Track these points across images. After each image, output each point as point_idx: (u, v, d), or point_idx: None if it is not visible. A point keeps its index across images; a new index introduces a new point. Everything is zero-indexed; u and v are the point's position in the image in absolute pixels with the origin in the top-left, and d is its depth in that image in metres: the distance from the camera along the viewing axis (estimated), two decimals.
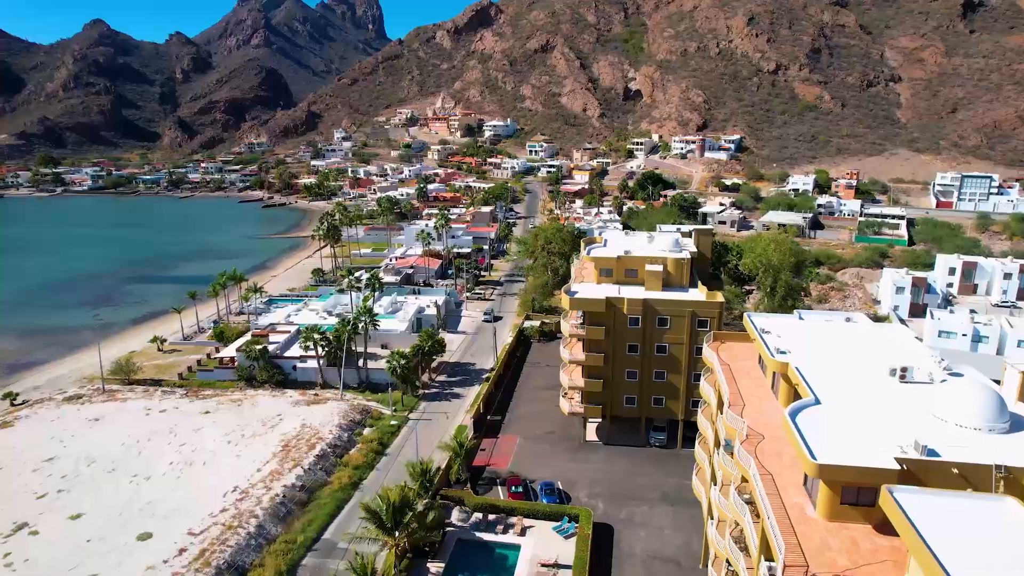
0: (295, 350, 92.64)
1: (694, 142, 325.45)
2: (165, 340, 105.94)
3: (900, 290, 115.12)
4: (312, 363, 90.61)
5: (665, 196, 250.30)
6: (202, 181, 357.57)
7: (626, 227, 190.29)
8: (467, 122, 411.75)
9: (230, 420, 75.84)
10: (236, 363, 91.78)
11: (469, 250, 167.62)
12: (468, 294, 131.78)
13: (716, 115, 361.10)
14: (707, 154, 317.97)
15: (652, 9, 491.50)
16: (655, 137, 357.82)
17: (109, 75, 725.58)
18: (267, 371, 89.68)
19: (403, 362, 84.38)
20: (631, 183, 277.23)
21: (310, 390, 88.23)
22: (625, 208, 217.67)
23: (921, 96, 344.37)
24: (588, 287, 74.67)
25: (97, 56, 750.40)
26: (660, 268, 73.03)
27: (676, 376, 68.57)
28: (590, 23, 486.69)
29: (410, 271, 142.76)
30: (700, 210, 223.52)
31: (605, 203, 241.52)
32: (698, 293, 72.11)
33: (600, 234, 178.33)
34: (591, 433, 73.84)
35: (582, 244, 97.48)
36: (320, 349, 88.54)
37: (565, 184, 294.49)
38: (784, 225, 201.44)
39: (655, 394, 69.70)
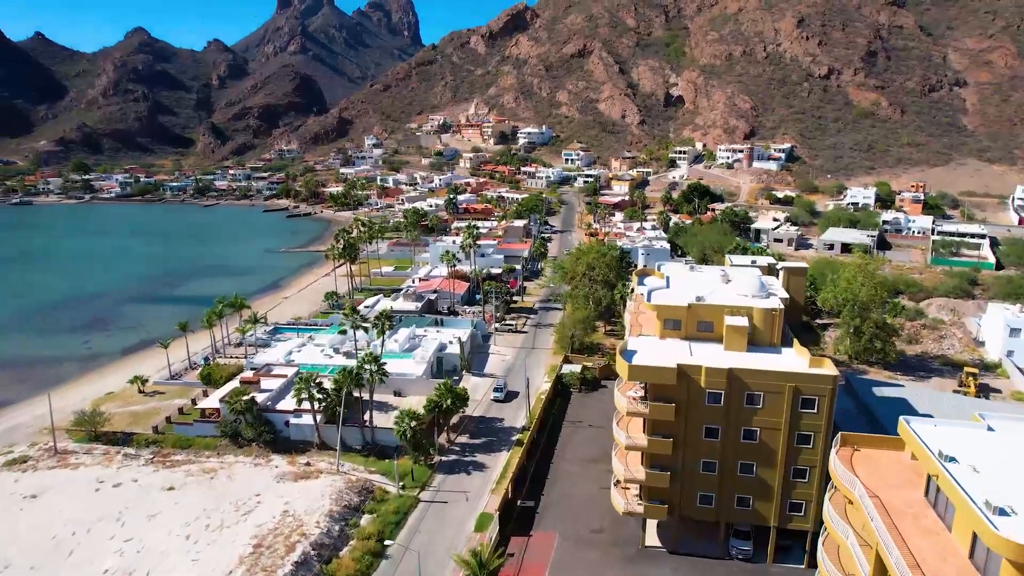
0: (289, 401, 77.55)
1: (741, 151, 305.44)
2: (147, 380, 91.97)
3: (1015, 332, 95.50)
4: (308, 418, 75.39)
5: (713, 210, 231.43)
6: (228, 189, 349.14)
7: (673, 245, 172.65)
8: (501, 129, 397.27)
9: (197, 501, 60.95)
10: (220, 416, 77.10)
11: (499, 271, 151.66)
12: (498, 325, 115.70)
13: (764, 122, 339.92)
14: (755, 164, 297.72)
15: (694, 12, 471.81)
16: (699, 145, 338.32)
17: (147, 82, 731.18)
18: (255, 428, 74.80)
19: (415, 424, 68.62)
20: (675, 195, 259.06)
21: (303, 454, 73.04)
22: (671, 223, 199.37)
23: (990, 101, 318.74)
24: (648, 343, 57.94)
25: (136, 63, 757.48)
26: (745, 322, 55.96)
27: (769, 471, 51.36)
28: (629, 27, 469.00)
29: (433, 296, 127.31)
30: (752, 226, 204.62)
31: (648, 216, 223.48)
32: (796, 357, 54.80)
33: (646, 256, 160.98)
34: (652, 535, 57.01)
35: (633, 277, 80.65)
36: (317, 403, 73.32)
37: (603, 195, 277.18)
38: (849, 246, 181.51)
39: (740, 492, 52.56)
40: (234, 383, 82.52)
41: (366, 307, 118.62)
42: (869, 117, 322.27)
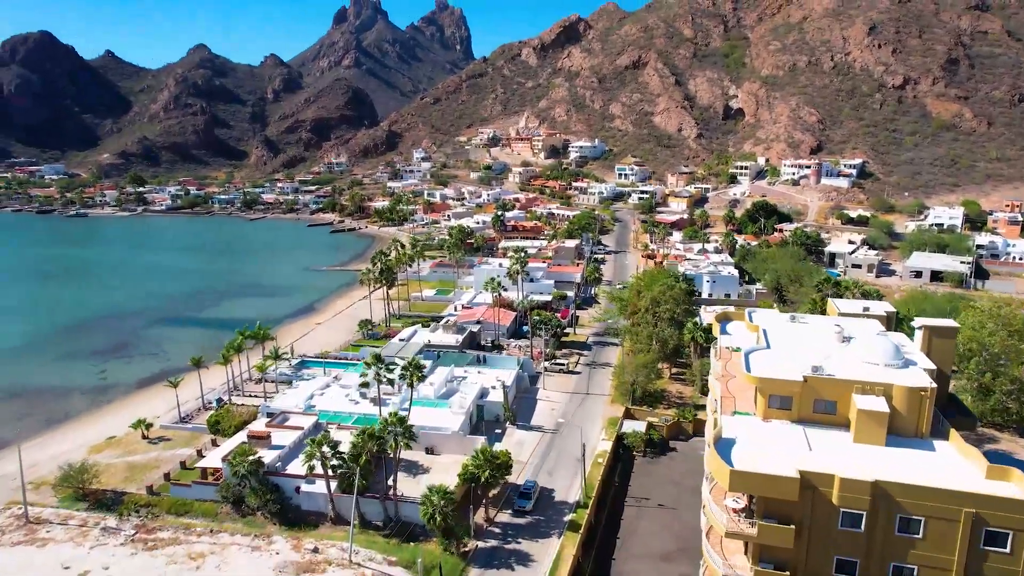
0: (300, 463, 65.82)
1: (808, 167, 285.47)
2: (152, 424, 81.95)
3: None
4: (322, 484, 63.49)
5: (781, 230, 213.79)
6: (275, 202, 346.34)
7: (741, 271, 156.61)
8: (551, 142, 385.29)
9: None
10: (222, 477, 66.02)
11: (549, 298, 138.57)
12: (547, 364, 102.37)
13: (832, 136, 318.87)
14: (824, 180, 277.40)
15: (755, 21, 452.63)
16: (761, 160, 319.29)
17: (206, 96, 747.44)
18: (260, 495, 63.30)
19: (445, 504, 55.98)
20: (738, 213, 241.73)
21: (314, 530, 61.19)
22: (737, 246, 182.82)
23: None
24: (748, 428, 43.99)
25: (196, 78, 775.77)
26: (883, 405, 41.50)
27: None
28: (686, 37, 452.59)
29: (475, 327, 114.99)
30: (826, 249, 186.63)
31: (710, 236, 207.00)
32: (958, 457, 40.07)
33: (712, 284, 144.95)
34: None
35: (714, 323, 66.49)
36: (331, 469, 61.44)
37: (660, 212, 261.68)
38: (941, 274, 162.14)
39: None
40: (241, 436, 71.41)
41: (401, 340, 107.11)
42: (951, 130, 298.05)
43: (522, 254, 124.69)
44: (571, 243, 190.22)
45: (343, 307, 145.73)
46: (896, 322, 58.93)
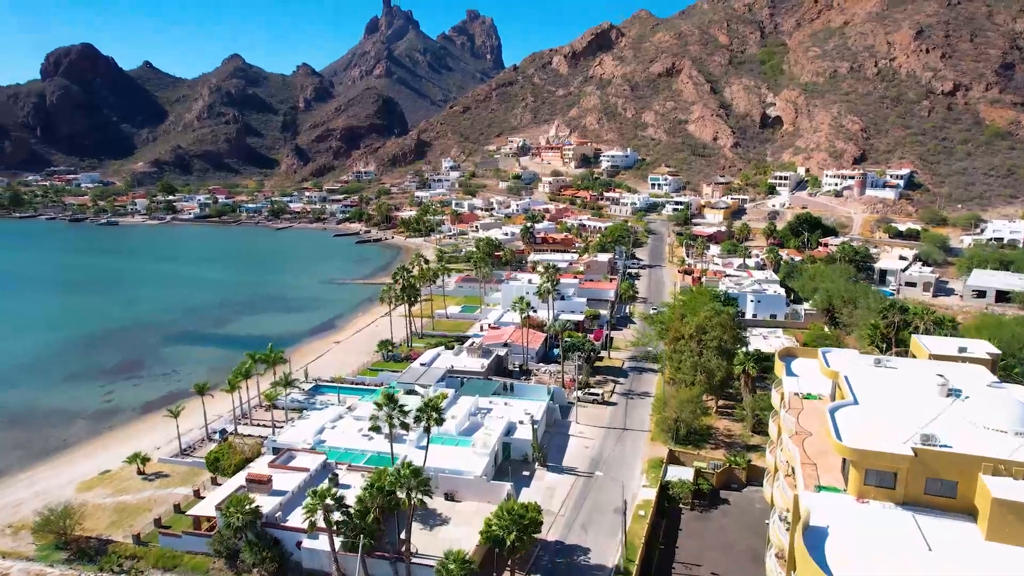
0: (302, 516, 58.15)
1: (851, 177, 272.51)
2: (148, 459, 75.30)
3: None
4: (325, 539, 55.74)
5: (826, 244, 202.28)
6: (302, 211, 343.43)
7: (787, 289, 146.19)
8: (582, 151, 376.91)
9: None
10: (216, 527, 58.72)
11: (582, 317, 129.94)
12: (580, 393, 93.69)
13: (877, 145, 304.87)
14: (868, 191, 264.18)
15: (793, 27, 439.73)
16: (801, 170, 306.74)
17: (238, 105, 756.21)
18: (257, 550, 55.83)
19: (463, 574, 47.78)
20: (778, 225, 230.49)
21: None
22: (782, 261, 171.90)
23: None
24: (839, 512, 35.05)
25: (230, 88, 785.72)
26: (1021, 491, 32.25)
27: None
28: (721, 44, 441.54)
29: (502, 351, 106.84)
30: (876, 266, 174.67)
31: (751, 250, 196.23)
32: None
33: (757, 304, 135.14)
34: None
35: (776, 363, 57.42)
36: (335, 525, 53.69)
37: (696, 225, 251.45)
38: (1008, 294, 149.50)
39: None
40: (241, 478, 64.09)
41: (422, 364, 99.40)
42: (1007, 138, 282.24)
43: (552, 271, 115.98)
44: (604, 257, 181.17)
45: (364, 324, 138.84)
46: (1007, 370, 49.32)
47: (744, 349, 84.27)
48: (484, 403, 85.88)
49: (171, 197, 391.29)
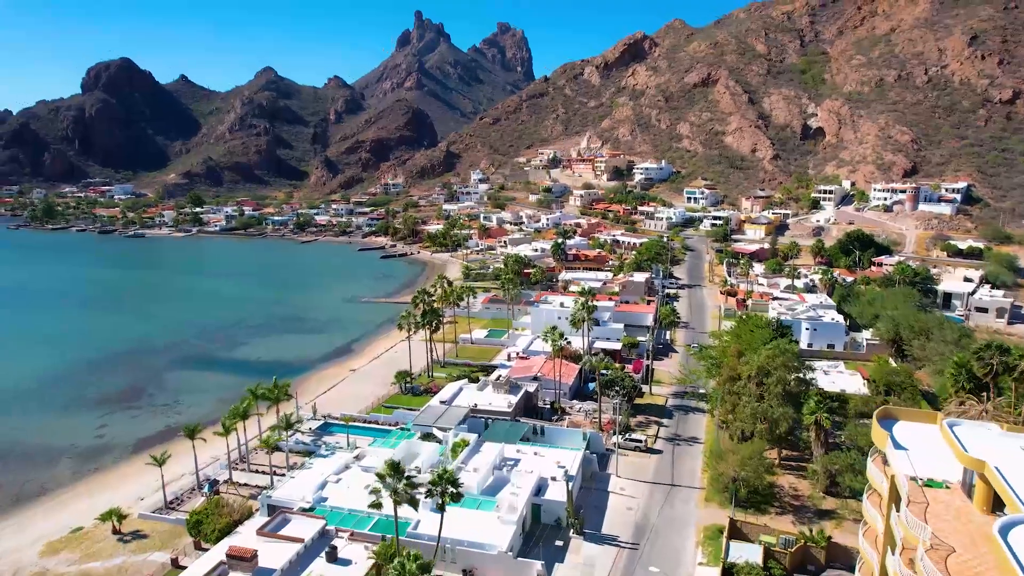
0: None
1: (903, 191, 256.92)
2: (126, 516, 66.05)
3: None
4: None
5: (880, 264, 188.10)
6: (328, 224, 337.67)
7: (845, 315, 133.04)
8: (615, 164, 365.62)
9: None
10: None
11: (618, 345, 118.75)
12: (619, 439, 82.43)
13: (929, 157, 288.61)
14: (922, 206, 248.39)
15: (835, 35, 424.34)
16: (846, 184, 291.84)
17: (270, 117, 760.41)
18: None
19: None
20: (827, 242, 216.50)
21: None
22: (833, 282, 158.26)
23: None
24: None
25: (261, 100, 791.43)
26: None
27: None
28: (759, 53, 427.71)
29: (532, 385, 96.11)
30: (938, 288, 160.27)
31: (799, 269, 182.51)
32: None
33: (812, 332, 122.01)
34: None
35: (874, 427, 45.86)
36: None
37: (736, 241, 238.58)
38: None
39: None
40: (222, 549, 54.18)
41: (442, 402, 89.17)
42: None
43: (588, 297, 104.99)
44: (640, 277, 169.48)
45: (383, 349, 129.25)
46: None
47: (815, 396, 72.17)
48: (511, 451, 75.31)
49: (198, 209, 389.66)
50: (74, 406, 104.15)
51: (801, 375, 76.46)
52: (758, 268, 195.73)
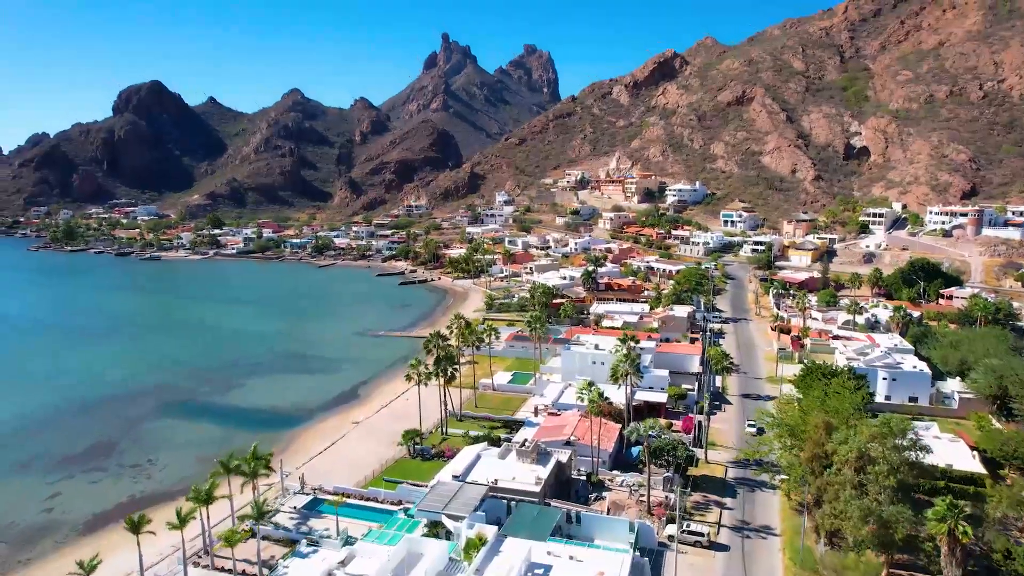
0: None
1: (963, 214, 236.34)
2: None
3: None
4: None
5: (949, 297, 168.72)
6: (347, 247, 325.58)
7: (928, 361, 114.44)
8: (646, 185, 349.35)
9: None
10: None
11: (663, 396, 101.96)
12: (676, 532, 65.19)
13: (990, 177, 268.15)
14: (986, 231, 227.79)
15: (877, 50, 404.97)
16: (896, 206, 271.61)
17: (295, 138, 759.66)
18: None
19: None
20: (880, 270, 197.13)
21: None
22: (906, 320, 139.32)
23: None
24: None
25: (287, 121, 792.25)
26: None
27: None
28: (796, 70, 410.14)
29: (564, 453, 79.71)
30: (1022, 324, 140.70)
31: (859, 302, 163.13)
32: None
33: (891, 383, 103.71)
34: None
35: None
36: None
37: (781, 269, 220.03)
38: None
39: None
40: None
41: (455, 477, 73.10)
42: None
43: (630, 344, 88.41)
44: (682, 311, 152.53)
45: (392, 395, 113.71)
46: None
47: (946, 501, 54.37)
48: (540, 552, 58.84)
49: (217, 231, 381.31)
50: (29, 467, 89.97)
51: (917, 456, 59.09)
52: (811, 299, 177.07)
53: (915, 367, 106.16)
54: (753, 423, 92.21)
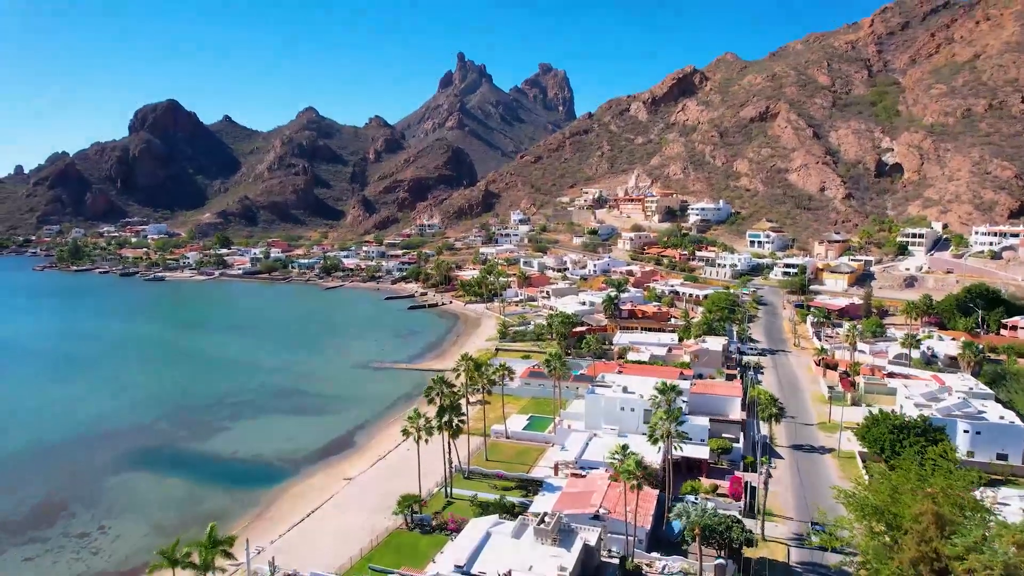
0: None
1: (1015, 235, 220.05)
2: None
3: None
4: None
5: (1013, 327, 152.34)
6: (356, 268, 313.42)
7: (1013, 408, 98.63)
8: (667, 203, 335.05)
9: None
10: None
11: (705, 450, 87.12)
12: None
13: None
14: None
15: (907, 64, 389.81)
16: (936, 226, 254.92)
17: (309, 156, 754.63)
18: None
19: None
20: (922, 294, 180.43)
21: None
22: (980, 358, 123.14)
23: None
24: None
25: (301, 139, 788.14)
26: None
27: None
28: (822, 85, 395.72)
29: (592, 531, 65.04)
30: None
31: (914, 333, 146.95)
32: None
33: (975, 436, 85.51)
34: None
35: None
36: None
37: (817, 294, 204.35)
38: None
39: None
40: None
41: (457, 568, 58.57)
42: None
43: (672, 395, 73.88)
44: (715, 342, 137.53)
45: (391, 443, 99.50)
46: None
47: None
48: None
49: (225, 251, 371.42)
50: None
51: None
52: (847, 327, 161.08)
53: (1002, 417, 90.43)
54: (819, 526, 69.01)
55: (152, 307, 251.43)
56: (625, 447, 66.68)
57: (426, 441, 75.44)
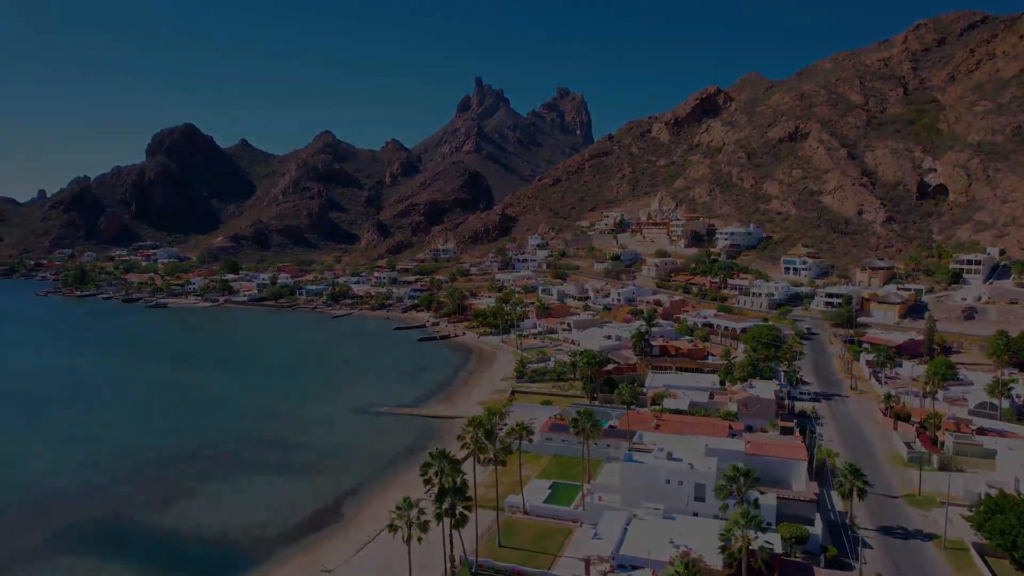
0: None
1: None
2: None
3: None
4: None
5: None
6: (366, 295, 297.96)
7: None
8: (693, 227, 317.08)
9: None
10: None
11: (774, 538, 68.01)
12: None
13: None
14: None
15: (946, 81, 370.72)
16: (992, 251, 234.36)
17: (324, 180, 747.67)
18: None
19: None
20: (993, 328, 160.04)
21: None
22: None
23: None
24: None
25: (317, 163, 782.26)
26: None
27: None
28: (855, 104, 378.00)
29: None
30: None
31: (1004, 377, 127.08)
32: None
33: None
34: None
35: None
36: None
37: (868, 328, 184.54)
38: None
39: None
40: None
41: None
42: None
43: (742, 484, 55.86)
44: (765, 388, 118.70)
45: (383, 522, 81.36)
46: None
47: None
48: None
49: (232, 276, 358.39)
50: None
51: None
52: (915, 369, 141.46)
53: None
54: None
55: (142, 337, 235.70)
56: (686, 559, 48.40)
57: (419, 541, 57.69)
